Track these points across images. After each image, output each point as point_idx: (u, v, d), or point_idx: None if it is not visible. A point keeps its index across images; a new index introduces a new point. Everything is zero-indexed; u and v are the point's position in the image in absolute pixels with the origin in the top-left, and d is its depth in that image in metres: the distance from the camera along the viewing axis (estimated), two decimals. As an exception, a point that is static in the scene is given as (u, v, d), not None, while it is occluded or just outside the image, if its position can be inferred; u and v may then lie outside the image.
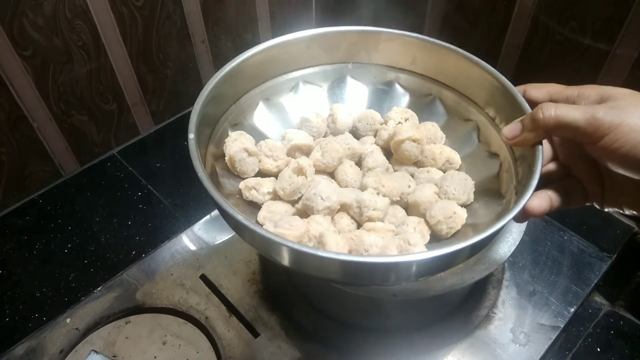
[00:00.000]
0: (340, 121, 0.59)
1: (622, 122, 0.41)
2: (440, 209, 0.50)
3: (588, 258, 0.76)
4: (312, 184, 0.50)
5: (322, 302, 0.69)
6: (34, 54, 0.74)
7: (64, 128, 0.84)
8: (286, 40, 0.58)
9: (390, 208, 0.51)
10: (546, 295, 0.72)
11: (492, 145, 0.56)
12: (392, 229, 0.49)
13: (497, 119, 0.56)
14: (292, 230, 0.45)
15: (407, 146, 0.55)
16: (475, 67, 0.56)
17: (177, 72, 0.94)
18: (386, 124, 0.60)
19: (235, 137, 0.55)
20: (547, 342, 0.67)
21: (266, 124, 0.61)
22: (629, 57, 0.69)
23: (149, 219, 0.83)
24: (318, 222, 0.48)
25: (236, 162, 0.53)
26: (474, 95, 0.58)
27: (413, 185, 0.54)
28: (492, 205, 0.52)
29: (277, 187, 0.51)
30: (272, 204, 0.51)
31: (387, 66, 0.63)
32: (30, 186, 0.85)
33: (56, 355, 0.67)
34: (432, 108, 0.62)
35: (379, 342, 0.67)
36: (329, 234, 0.45)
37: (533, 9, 0.75)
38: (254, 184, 0.52)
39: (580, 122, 0.43)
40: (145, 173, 0.89)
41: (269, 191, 0.52)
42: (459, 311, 0.70)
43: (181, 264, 0.76)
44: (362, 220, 0.50)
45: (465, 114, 0.60)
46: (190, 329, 0.70)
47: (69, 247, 0.79)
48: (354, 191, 0.52)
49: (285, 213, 0.50)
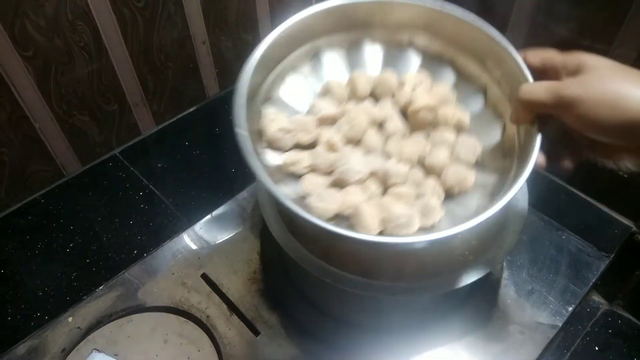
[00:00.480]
0: (360, 89, 0.64)
1: (587, 98, 0.43)
2: (453, 173, 0.57)
3: (586, 257, 0.76)
4: (343, 159, 0.57)
5: (323, 301, 0.69)
6: (35, 55, 0.75)
7: (65, 128, 0.85)
8: (309, 14, 0.63)
9: (410, 170, 0.58)
10: (544, 294, 0.72)
11: (498, 107, 0.61)
12: (412, 193, 0.56)
13: (502, 83, 0.60)
14: (334, 204, 0.54)
15: (422, 114, 0.61)
16: (482, 33, 0.60)
17: (178, 73, 0.95)
18: (403, 86, 0.64)
19: (272, 117, 0.60)
20: (545, 340, 0.68)
21: (293, 96, 0.65)
22: (628, 57, 0.69)
23: (151, 219, 0.83)
24: (353, 193, 0.56)
25: (275, 142, 0.60)
26: (482, 59, 0.62)
27: (429, 148, 0.60)
28: (497, 164, 0.58)
29: (314, 164, 0.59)
30: (312, 177, 0.58)
31: (401, 29, 0.67)
32: (32, 186, 0.86)
33: (58, 354, 0.67)
34: (443, 69, 0.66)
35: (378, 340, 0.67)
36: (363, 207, 0.53)
37: (532, 9, 0.75)
38: (295, 159, 0.59)
39: (546, 100, 0.44)
40: (146, 173, 0.90)
41: (307, 165, 0.59)
42: (458, 310, 0.70)
43: (182, 263, 0.76)
44: (388, 184, 0.57)
45: (474, 77, 0.64)
46: (191, 327, 0.70)
47: (71, 247, 0.80)
48: (379, 159, 0.59)
49: (323, 185, 0.58)
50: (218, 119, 0.99)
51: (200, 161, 0.92)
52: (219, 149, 0.93)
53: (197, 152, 0.93)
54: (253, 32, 1.02)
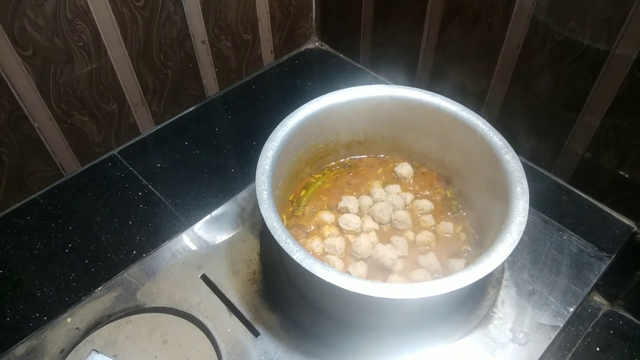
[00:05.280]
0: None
1: None
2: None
3: (587, 258, 0.76)
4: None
5: (322, 302, 0.69)
6: (34, 54, 0.75)
7: (64, 128, 0.84)
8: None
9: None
10: (545, 295, 0.72)
11: None
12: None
13: None
14: None
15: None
16: None
17: (178, 73, 0.95)
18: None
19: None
20: (547, 341, 0.68)
21: None
22: (628, 57, 0.69)
23: (150, 219, 0.83)
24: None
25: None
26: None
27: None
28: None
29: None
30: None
31: None
32: (31, 186, 0.86)
33: (57, 354, 0.67)
34: None
35: (378, 341, 0.67)
36: None
37: (532, 9, 0.75)
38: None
39: None
40: (145, 173, 0.90)
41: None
42: (459, 311, 0.70)
43: (182, 263, 0.76)
44: None
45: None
46: (190, 328, 0.70)
47: (70, 247, 0.79)
48: None
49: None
50: (217, 118, 0.99)
51: (199, 161, 0.91)
52: (218, 149, 0.93)
53: (197, 152, 0.93)
54: (252, 31, 1.02)
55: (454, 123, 0.74)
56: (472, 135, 0.72)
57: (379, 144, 0.83)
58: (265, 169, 0.67)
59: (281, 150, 0.71)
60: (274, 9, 1.03)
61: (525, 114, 0.86)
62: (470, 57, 0.88)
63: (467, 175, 0.76)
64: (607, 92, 0.74)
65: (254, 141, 0.93)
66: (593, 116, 0.77)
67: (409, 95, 0.76)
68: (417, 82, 1.00)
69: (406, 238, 0.73)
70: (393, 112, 0.78)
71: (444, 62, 0.93)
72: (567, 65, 0.76)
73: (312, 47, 1.16)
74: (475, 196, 0.75)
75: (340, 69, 1.11)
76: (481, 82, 0.89)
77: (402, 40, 0.98)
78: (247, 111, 1.00)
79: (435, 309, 0.68)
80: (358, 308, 0.65)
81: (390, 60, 1.04)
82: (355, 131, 0.81)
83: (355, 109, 0.78)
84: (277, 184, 0.71)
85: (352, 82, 0.81)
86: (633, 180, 0.78)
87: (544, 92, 0.81)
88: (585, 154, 0.81)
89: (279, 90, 1.07)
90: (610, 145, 0.78)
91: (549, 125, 0.84)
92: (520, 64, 0.81)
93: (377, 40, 1.03)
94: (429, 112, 0.76)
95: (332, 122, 0.78)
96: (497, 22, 0.81)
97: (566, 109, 0.80)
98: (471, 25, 0.84)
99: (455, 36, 0.88)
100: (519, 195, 0.64)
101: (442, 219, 0.76)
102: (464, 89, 0.90)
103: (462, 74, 0.91)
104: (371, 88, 0.77)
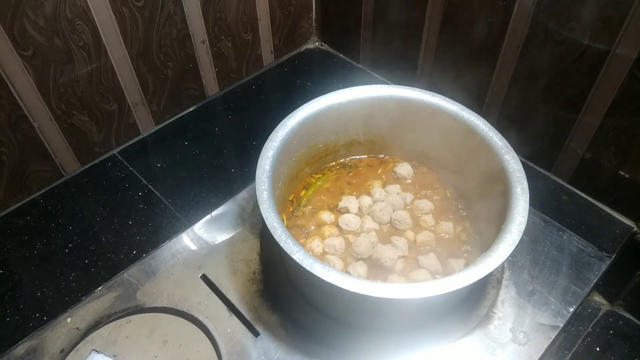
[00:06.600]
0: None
1: None
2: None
3: (587, 258, 0.76)
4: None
5: (322, 301, 0.69)
6: (34, 54, 0.75)
7: (64, 128, 0.84)
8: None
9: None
10: (545, 295, 0.72)
11: None
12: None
13: None
14: None
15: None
16: None
17: (178, 73, 0.95)
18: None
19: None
20: (547, 341, 0.68)
21: None
22: (628, 57, 0.69)
23: (150, 219, 0.83)
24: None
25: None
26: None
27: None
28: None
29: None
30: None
31: None
32: (31, 186, 0.86)
33: (57, 354, 0.67)
34: None
35: (378, 341, 0.67)
36: None
37: (532, 9, 0.75)
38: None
39: None
40: (145, 173, 0.90)
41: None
42: (459, 310, 0.70)
43: (182, 263, 0.76)
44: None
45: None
46: (190, 328, 0.70)
47: (70, 247, 0.79)
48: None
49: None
50: (217, 118, 0.99)
51: (199, 161, 0.91)
52: (218, 149, 0.93)
53: (197, 152, 0.93)
54: (252, 31, 1.02)
55: (454, 123, 0.74)
56: (472, 135, 0.72)
57: (379, 144, 0.83)
58: (265, 169, 0.67)
59: (281, 150, 0.71)
60: (274, 9, 1.03)
61: (525, 114, 0.86)
62: (470, 57, 0.88)
63: (467, 176, 0.76)
64: (607, 92, 0.74)
65: (254, 141, 0.93)
66: (593, 116, 0.77)
67: (409, 95, 0.76)
68: (417, 82, 1.00)
69: (406, 238, 0.73)
70: (393, 112, 0.78)
71: (443, 62, 0.93)
72: (567, 65, 0.76)
73: (312, 47, 1.16)
74: (475, 196, 0.75)
75: (340, 69, 1.11)
76: (481, 82, 0.89)
77: (402, 40, 0.98)
78: (247, 111, 1.00)
79: (435, 308, 0.68)
80: (358, 308, 0.65)
81: (390, 60, 1.04)
82: (355, 131, 0.81)
83: (356, 109, 0.78)
84: (277, 184, 0.71)
85: (352, 82, 0.81)
86: (633, 180, 0.78)
87: (544, 92, 0.81)
88: (585, 154, 0.81)
89: (279, 90, 1.07)
90: (610, 145, 0.78)
91: (549, 125, 0.84)
92: (520, 64, 0.81)
93: (377, 40, 1.04)
94: (429, 112, 0.76)
95: (332, 122, 0.78)
96: (497, 22, 0.81)
97: (566, 109, 0.80)
98: (471, 25, 0.84)
99: (455, 36, 0.88)
100: (519, 195, 0.64)
101: (442, 219, 0.76)
102: (464, 89, 0.90)
103: (462, 74, 0.91)
104: (371, 88, 0.77)
